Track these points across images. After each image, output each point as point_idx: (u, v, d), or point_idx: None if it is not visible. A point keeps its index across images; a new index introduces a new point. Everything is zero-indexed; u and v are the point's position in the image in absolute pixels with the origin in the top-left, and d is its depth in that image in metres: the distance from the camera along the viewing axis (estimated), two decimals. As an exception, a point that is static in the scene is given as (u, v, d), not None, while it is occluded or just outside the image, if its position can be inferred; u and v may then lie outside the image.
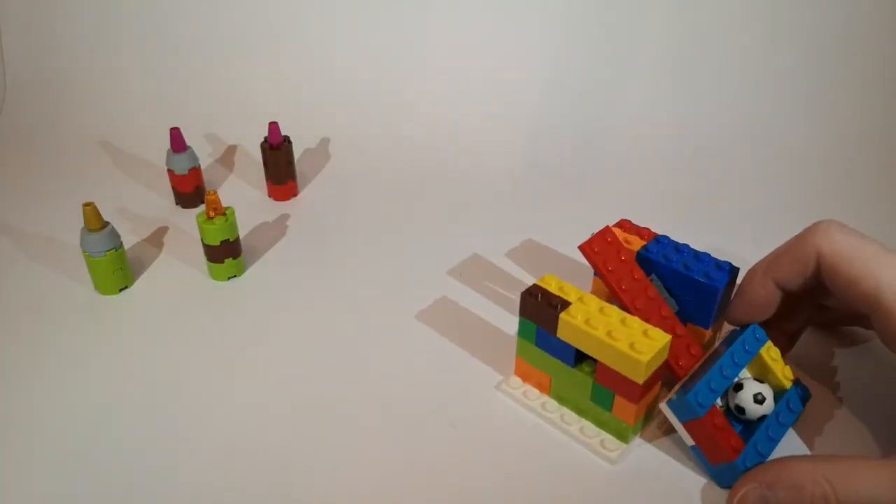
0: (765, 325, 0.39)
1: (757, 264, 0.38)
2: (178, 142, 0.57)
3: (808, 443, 0.38)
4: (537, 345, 0.38)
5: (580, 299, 0.37)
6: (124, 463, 0.37)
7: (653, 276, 0.42)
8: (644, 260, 0.42)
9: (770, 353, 0.38)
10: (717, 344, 0.39)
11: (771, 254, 0.38)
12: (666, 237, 0.43)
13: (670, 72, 0.67)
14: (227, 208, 0.49)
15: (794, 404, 0.37)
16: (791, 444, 0.37)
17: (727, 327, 0.44)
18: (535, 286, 0.38)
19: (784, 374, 0.38)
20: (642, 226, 0.44)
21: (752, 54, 0.66)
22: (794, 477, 0.31)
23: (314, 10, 0.72)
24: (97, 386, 0.41)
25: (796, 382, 0.38)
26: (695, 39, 0.67)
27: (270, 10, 0.72)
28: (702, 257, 0.41)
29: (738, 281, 0.40)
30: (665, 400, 0.35)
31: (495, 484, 0.35)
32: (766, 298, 0.37)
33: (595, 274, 0.46)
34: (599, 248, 0.41)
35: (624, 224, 0.45)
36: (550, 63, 0.69)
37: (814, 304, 0.40)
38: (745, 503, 0.32)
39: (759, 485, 0.32)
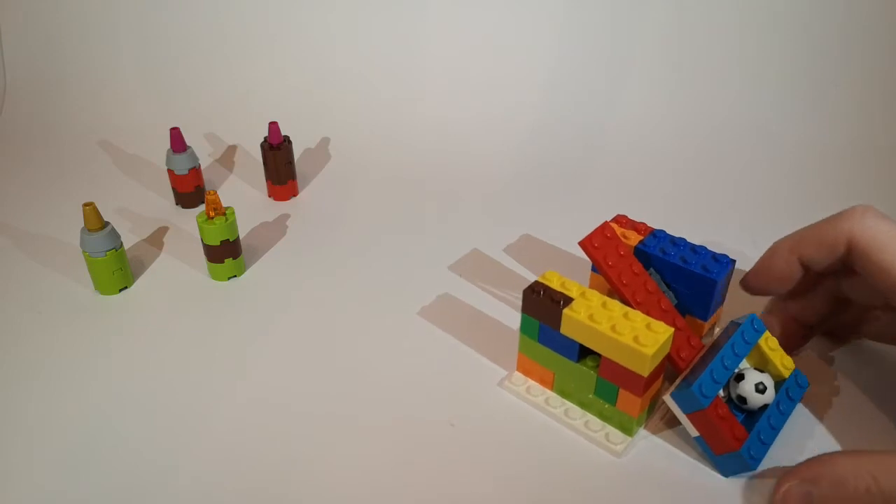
0: (782, 310, 0.38)
1: (782, 239, 0.38)
2: (178, 142, 0.57)
3: (808, 431, 0.38)
4: (540, 341, 0.38)
5: (582, 295, 0.37)
6: (124, 463, 0.36)
7: (651, 269, 0.42)
8: (642, 254, 0.42)
9: (768, 343, 0.38)
10: (715, 335, 0.39)
11: (798, 231, 0.37)
12: (662, 231, 0.43)
13: (670, 72, 0.68)
14: (227, 208, 0.49)
15: (794, 392, 0.37)
16: (791, 432, 0.37)
17: (723, 319, 0.44)
18: (537, 283, 0.38)
19: (783, 363, 0.38)
20: (639, 221, 0.45)
21: (751, 54, 0.66)
22: (837, 471, 0.31)
23: (314, 10, 0.72)
24: (97, 386, 0.41)
25: (794, 371, 0.38)
26: (694, 39, 0.67)
27: (270, 10, 0.72)
28: (699, 250, 0.41)
29: (737, 273, 0.40)
30: (668, 392, 0.35)
31: (501, 480, 0.35)
32: (788, 272, 0.37)
33: (593, 269, 0.46)
34: (599, 243, 0.41)
35: (620, 219, 0.45)
36: (550, 63, 0.69)
37: (833, 294, 0.39)
38: (788, 500, 0.32)
39: (802, 481, 0.31)
